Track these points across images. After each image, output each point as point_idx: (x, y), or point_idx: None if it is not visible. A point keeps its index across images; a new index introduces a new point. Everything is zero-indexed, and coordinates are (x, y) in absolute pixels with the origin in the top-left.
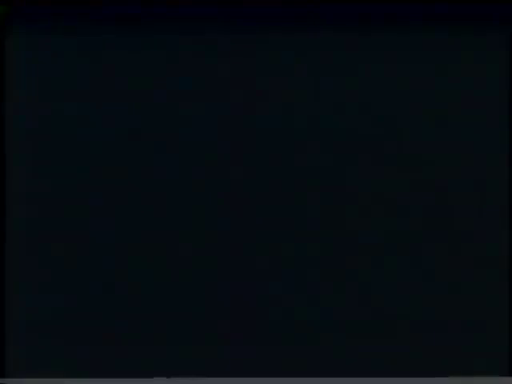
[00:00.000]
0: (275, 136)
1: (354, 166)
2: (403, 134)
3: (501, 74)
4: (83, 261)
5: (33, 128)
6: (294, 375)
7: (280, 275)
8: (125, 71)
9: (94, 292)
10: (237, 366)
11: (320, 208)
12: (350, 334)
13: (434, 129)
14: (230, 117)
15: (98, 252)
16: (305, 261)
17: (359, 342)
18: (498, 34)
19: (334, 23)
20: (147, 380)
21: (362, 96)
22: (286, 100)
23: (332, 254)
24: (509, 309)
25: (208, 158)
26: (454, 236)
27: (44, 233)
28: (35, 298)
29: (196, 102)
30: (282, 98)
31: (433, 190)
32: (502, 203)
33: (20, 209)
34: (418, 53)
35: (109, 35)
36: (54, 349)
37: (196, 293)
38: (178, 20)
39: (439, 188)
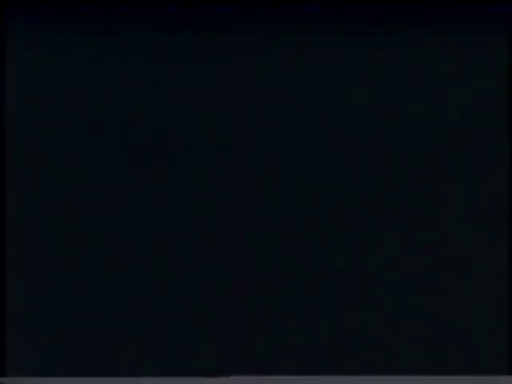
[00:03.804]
0: (275, 136)
1: (355, 166)
2: (403, 134)
3: (500, 73)
4: (83, 260)
5: (33, 128)
6: (294, 374)
7: (280, 275)
8: (125, 71)
9: (94, 292)
10: (236, 366)
11: (319, 208)
12: (350, 334)
13: (433, 129)
14: (229, 117)
15: (98, 252)
16: (305, 261)
17: (360, 342)
18: (498, 34)
19: (334, 23)
20: (147, 380)
21: (361, 96)
22: (286, 100)
23: (332, 255)
24: (508, 309)
25: (208, 157)
26: (454, 236)
27: (44, 233)
28: (35, 297)
29: (196, 102)
30: (282, 98)
31: (433, 190)
32: (502, 203)
33: (20, 209)
34: (418, 53)
35: (109, 35)
36: (54, 348)
37: (196, 293)
38: (177, 20)
39: (439, 188)
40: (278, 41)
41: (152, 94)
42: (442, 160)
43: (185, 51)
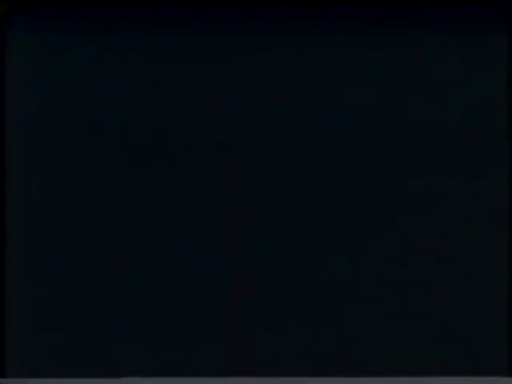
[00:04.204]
0: (275, 136)
1: (355, 166)
2: (403, 133)
3: (500, 73)
4: (83, 260)
5: (33, 128)
6: (294, 375)
7: (280, 275)
8: (125, 71)
9: (93, 292)
10: (236, 366)
11: (319, 208)
12: (350, 334)
13: (433, 129)
14: (229, 117)
15: (98, 252)
16: (305, 261)
17: (360, 342)
18: (498, 34)
19: (334, 23)
20: (147, 380)
21: (361, 96)
22: (286, 100)
23: (332, 255)
24: (508, 309)
25: (208, 157)
26: (454, 236)
27: (44, 233)
28: (35, 297)
29: (196, 102)
30: (282, 98)
31: (433, 189)
32: (502, 203)
33: (20, 209)
34: (418, 53)
35: (109, 35)
36: (54, 349)
37: (196, 293)
38: (177, 20)
39: (439, 188)
40: (278, 41)
41: (152, 94)
42: (442, 160)
43: (185, 51)
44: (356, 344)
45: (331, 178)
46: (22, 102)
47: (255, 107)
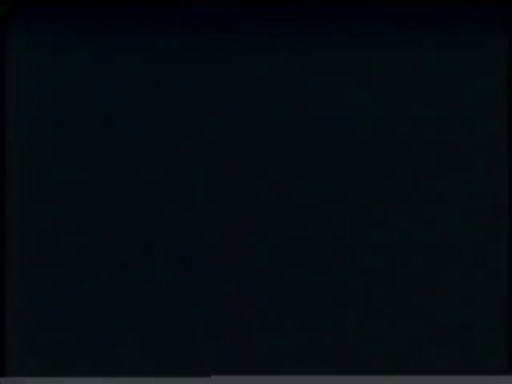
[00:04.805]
0: (275, 136)
1: (355, 166)
2: (402, 134)
3: (500, 73)
4: (83, 260)
5: (33, 128)
6: (294, 374)
7: (280, 275)
8: (125, 71)
9: (93, 292)
10: (236, 366)
11: (319, 209)
12: (349, 333)
13: (433, 129)
14: (229, 117)
15: (98, 252)
16: (305, 261)
17: (360, 342)
18: (498, 34)
19: (334, 23)
20: (147, 380)
21: (361, 96)
22: (286, 100)
23: (332, 255)
24: (508, 309)
25: (208, 157)
26: (454, 236)
27: (44, 233)
28: (35, 297)
29: (196, 102)
30: (282, 98)
31: (433, 189)
32: (502, 203)
33: (20, 209)
34: (418, 53)
35: (109, 35)
36: (54, 349)
37: (196, 293)
38: (177, 20)
39: (439, 188)
40: (278, 41)
41: (152, 94)
42: (442, 160)
43: (185, 51)
44: (356, 343)
45: (331, 178)
46: (22, 102)
47: (255, 107)
